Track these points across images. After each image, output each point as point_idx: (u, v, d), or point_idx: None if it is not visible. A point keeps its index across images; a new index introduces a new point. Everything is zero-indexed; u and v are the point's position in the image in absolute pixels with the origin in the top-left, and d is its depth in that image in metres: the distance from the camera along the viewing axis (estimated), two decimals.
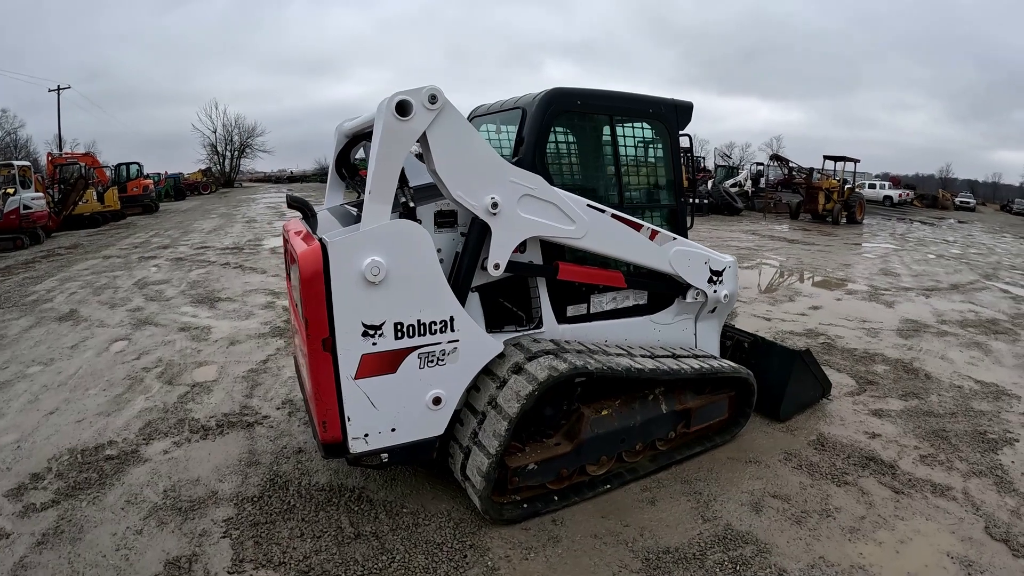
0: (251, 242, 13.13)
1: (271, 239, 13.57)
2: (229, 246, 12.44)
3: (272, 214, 20.24)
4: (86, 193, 16.80)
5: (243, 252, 11.60)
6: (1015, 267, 12.55)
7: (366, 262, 2.58)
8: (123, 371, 5.05)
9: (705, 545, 2.89)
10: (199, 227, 16.54)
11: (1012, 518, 3.02)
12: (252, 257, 11.02)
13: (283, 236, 3.82)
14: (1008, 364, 5.53)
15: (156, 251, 12.02)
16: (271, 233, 14.70)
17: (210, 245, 12.67)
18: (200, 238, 13.93)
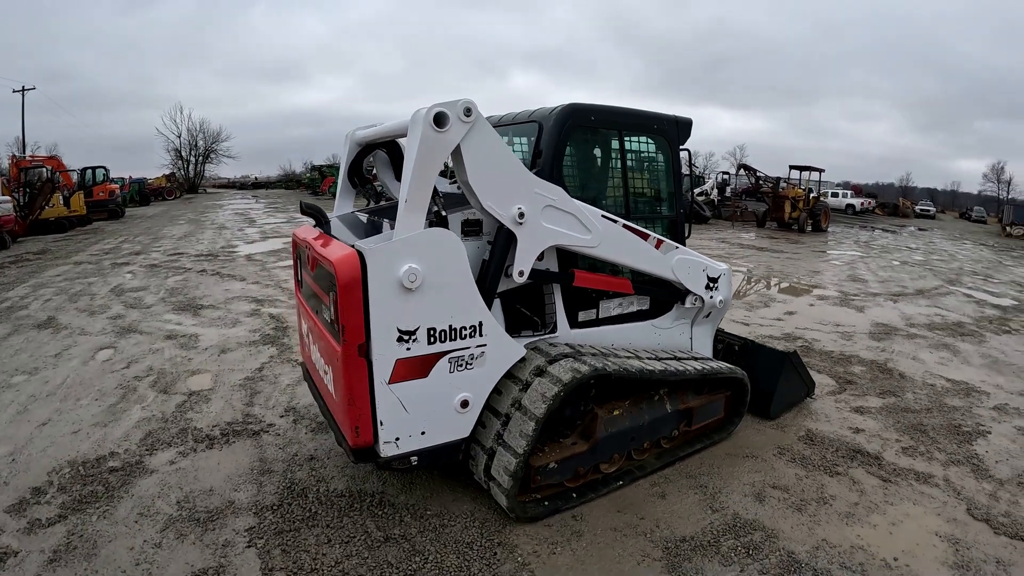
0: (225, 249, 12.81)
1: (244, 246, 13.28)
2: (203, 252, 12.12)
3: (241, 220, 19.76)
4: (52, 197, 16.08)
5: (218, 259, 11.32)
6: (976, 273, 13.45)
7: (403, 269, 2.65)
8: (114, 380, 4.87)
9: (718, 533, 3.07)
10: (168, 233, 16.05)
11: (991, 501, 3.34)
12: (229, 264, 10.76)
13: (296, 243, 3.82)
14: (975, 364, 6.01)
15: (128, 257, 11.61)
16: (244, 240, 14.39)
17: (183, 251, 12.33)
18: (171, 244, 13.50)
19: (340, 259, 2.62)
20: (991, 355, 6.32)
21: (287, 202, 29.24)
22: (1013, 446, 4.03)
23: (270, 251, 12.59)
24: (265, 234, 15.80)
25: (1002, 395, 5.04)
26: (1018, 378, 5.56)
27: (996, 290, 11.12)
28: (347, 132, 4.06)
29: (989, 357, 6.25)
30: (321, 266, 3.01)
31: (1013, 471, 3.69)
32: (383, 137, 3.90)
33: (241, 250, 12.59)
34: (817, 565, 2.81)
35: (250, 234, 15.80)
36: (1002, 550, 2.89)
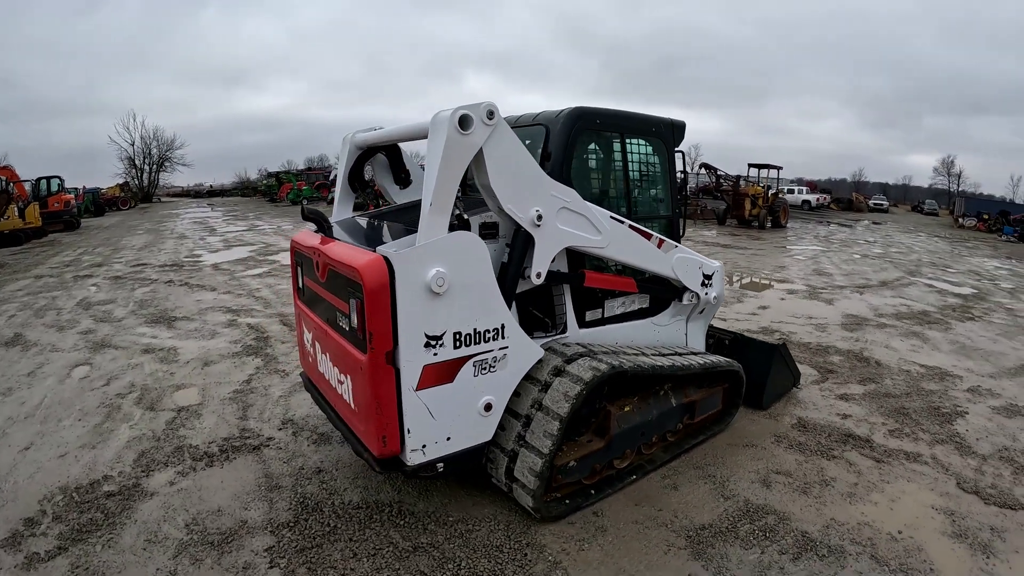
0: (189, 258, 12.29)
1: (209, 255, 12.78)
2: (167, 263, 11.59)
3: (201, 229, 19.04)
4: (8, 209, 15.07)
5: (184, 269, 10.85)
6: (935, 264, 14.20)
7: (431, 273, 2.63)
8: (95, 398, 4.57)
9: (733, 519, 3.19)
10: (128, 244, 15.27)
11: (976, 475, 3.61)
12: (196, 274, 10.32)
13: (297, 250, 3.71)
14: (945, 350, 6.40)
15: (90, 269, 10.98)
16: (207, 249, 13.84)
17: (146, 262, 11.75)
18: (133, 255, 12.85)
19: (366, 265, 2.57)
20: (958, 341, 6.77)
21: (245, 210, 28.38)
22: (990, 424, 4.36)
23: (236, 260, 12.14)
24: (228, 243, 15.22)
25: (973, 378, 5.42)
26: (986, 362, 5.98)
27: (955, 279, 11.81)
28: (345, 135, 3.99)
29: (957, 343, 6.68)
30: (337, 272, 2.94)
31: (993, 447, 3.99)
32: (385, 141, 3.84)
33: (206, 259, 12.14)
34: (830, 543, 2.96)
35: (213, 243, 15.20)
36: (994, 518, 3.14)
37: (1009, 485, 3.49)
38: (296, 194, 31.16)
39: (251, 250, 13.56)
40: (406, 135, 3.38)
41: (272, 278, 10.06)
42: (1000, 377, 5.44)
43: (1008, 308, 9.01)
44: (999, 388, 5.13)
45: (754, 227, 21.26)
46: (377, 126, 3.96)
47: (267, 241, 15.39)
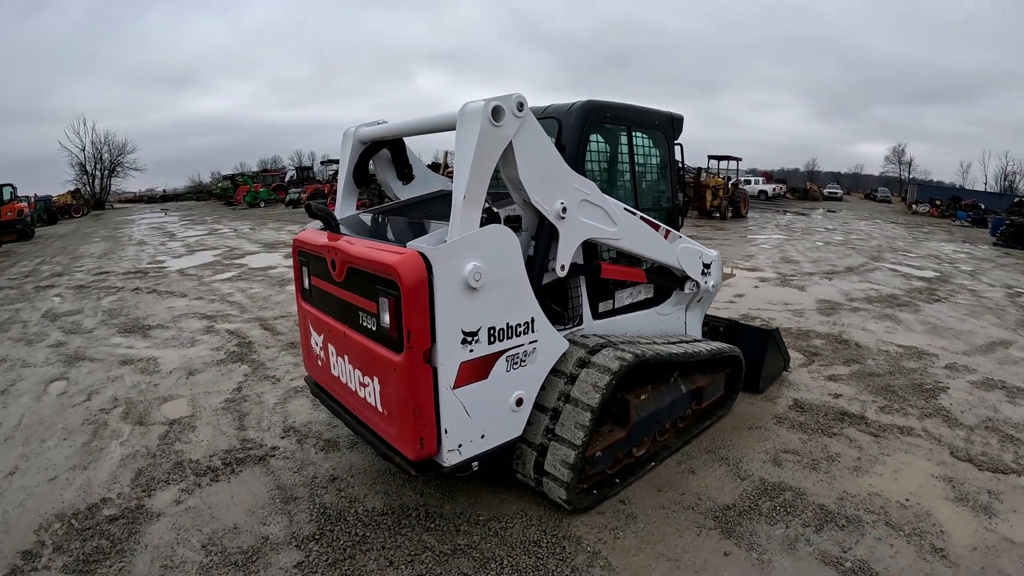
0: (152, 265, 11.65)
1: (173, 260, 12.17)
2: (130, 270, 10.95)
3: (160, 235, 18.12)
4: None
5: (149, 276, 10.26)
6: (895, 249, 14.94)
7: (468, 268, 2.57)
8: (77, 415, 4.23)
9: (754, 497, 3.30)
10: (86, 252, 14.38)
11: (966, 444, 3.88)
12: (162, 280, 9.78)
13: (303, 250, 3.55)
14: (918, 330, 6.78)
15: (51, 279, 10.28)
16: (170, 254, 13.17)
17: (108, 270, 11.07)
18: (93, 263, 12.09)
19: (401, 261, 2.48)
20: (929, 322, 7.20)
21: (202, 214, 27.23)
22: (971, 398, 4.68)
23: (202, 265, 11.57)
24: (191, 248, 14.49)
25: (949, 356, 5.78)
26: (958, 340, 6.39)
27: (917, 263, 12.48)
28: (346, 130, 3.84)
29: (928, 324, 7.11)
30: (362, 271, 2.83)
31: (978, 418, 4.29)
32: (390, 135, 3.74)
33: (171, 265, 11.54)
34: (847, 513, 3.12)
35: (175, 248, 14.46)
36: (989, 482, 3.39)
37: (998, 452, 3.76)
38: (253, 196, 30.09)
39: (215, 254, 12.97)
40: (424, 128, 3.29)
41: (243, 282, 9.62)
42: (973, 354, 5.85)
43: (971, 289, 9.61)
44: (974, 364, 5.51)
45: (716, 218, 22.01)
46: (380, 120, 3.85)
47: (230, 245, 14.72)
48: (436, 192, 4.18)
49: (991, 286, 10.05)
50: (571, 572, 2.70)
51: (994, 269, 12.24)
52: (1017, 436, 3.97)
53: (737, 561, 2.78)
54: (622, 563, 2.77)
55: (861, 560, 2.75)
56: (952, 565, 2.70)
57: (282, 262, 11.77)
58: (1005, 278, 11.03)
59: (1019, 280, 10.88)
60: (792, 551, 2.84)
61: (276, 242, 15.10)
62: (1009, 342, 6.36)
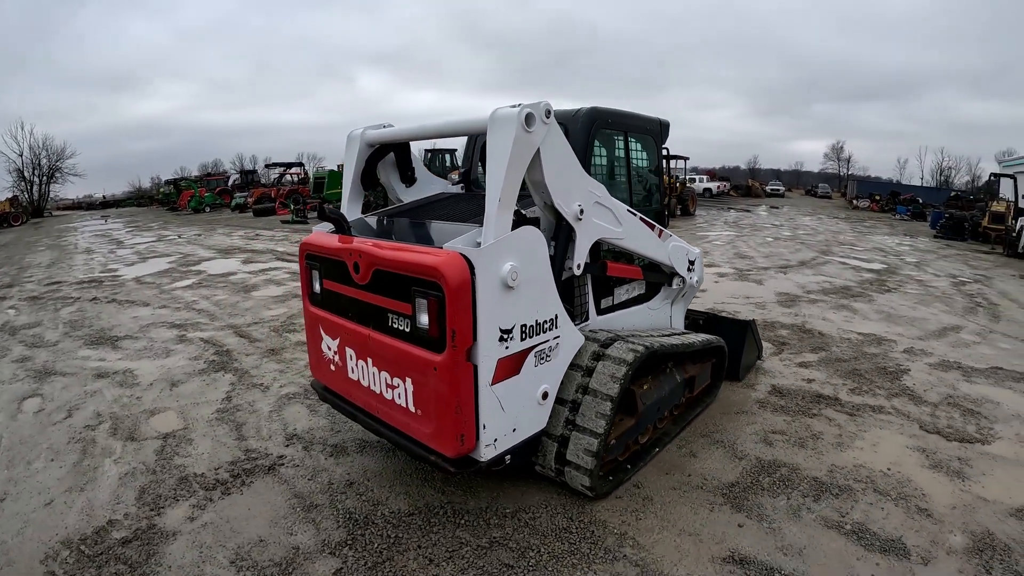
0: (105, 273, 10.96)
1: (126, 268, 11.50)
2: (84, 280, 10.25)
3: (107, 242, 17.03)
4: None
5: (105, 285, 9.64)
6: (842, 243, 15.87)
7: (506, 268, 2.66)
8: (61, 434, 3.95)
9: (754, 475, 3.56)
10: (33, 261, 13.42)
11: (933, 418, 4.32)
12: (120, 289, 9.22)
13: (313, 253, 3.50)
14: (874, 319, 7.36)
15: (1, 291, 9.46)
16: (122, 262, 12.43)
17: (60, 280, 10.34)
18: (43, 273, 11.26)
19: (445, 262, 2.54)
20: (883, 311, 7.83)
21: (146, 220, 25.77)
22: (931, 378, 5.18)
23: (158, 272, 10.98)
24: (142, 255, 13.68)
25: (906, 341, 6.34)
26: (912, 327, 7.01)
27: (865, 257, 13.35)
28: (351, 132, 3.82)
29: (882, 312, 7.73)
30: (393, 273, 2.84)
31: (939, 396, 4.77)
32: (401, 139, 3.76)
33: (125, 273, 10.90)
34: (839, 483, 3.44)
35: (126, 256, 13.62)
36: (957, 451, 3.81)
37: (962, 424, 4.22)
38: (198, 202, 28.78)
39: (169, 261, 12.32)
40: (439, 132, 3.33)
41: (205, 289, 9.17)
42: (927, 339, 6.44)
43: (918, 280, 10.43)
44: (930, 348, 6.08)
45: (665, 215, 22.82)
46: (386, 123, 3.85)
47: (183, 251, 13.98)
48: (438, 195, 4.22)
49: (937, 276, 10.93)
50: (604, 554, 2.84)
51: (937, 260, 13.29)
52: (976, 410, 4.46)
53: (751, 531, 3.02)
54: (649, 541, 2.95)
55: (859, 523, 3.05)
56: (937, 522, 3.05)
57: (241, 268, 11.30)
58: (949, 268, 12.02)
59: (962, 270, 11.89)
60: (797, 519, 3.12)
61: (231, 247, 14.44)
62: (959, 327, 7.02)
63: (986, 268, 12.35)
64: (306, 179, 30.75)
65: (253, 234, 17.68)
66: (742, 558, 2.81)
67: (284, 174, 32.66)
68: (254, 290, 9.15)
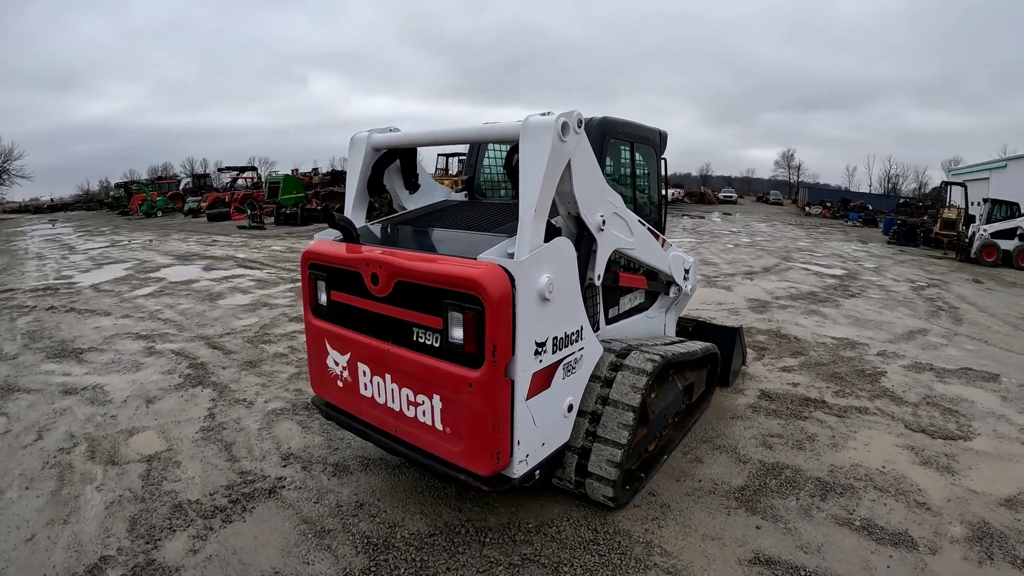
0: (60, 280, 10.19)
1: (82, 275, 10.72)
2: (38, 287, 9.49)
3: (58, 248, 15.86)
4: None
5: (61, 293, 8.93)
6: (800, 249, 16.55)
7: (544, 280, 2.62)
8: (33, 458, 3.57)
9: (761, 478, 3.67)
10: None
11: (915, 417, 4.60)
12: (77, 298, 8.56)
13: (320, 263, 3.33)
14: (844, 323, 7.76)
15: None
16: (77, 269, 11.57)
17: (13, 287, 9.52)
18: None
19: (486, 275, 2.46)
20: (851, 315, 8.28)
21: (97, 225, 24.13)
22: (907, 379, 5.52)
23: (116, 279, 10.26)
24: (96, 261, 12.78)
25: (878, 344, 6.73)
26: (880, 330, 7.44)
27: (825, 263, 14.00)
28: (354, 136, 3.68)
29: (851, 317, 8.17)
30: (421, 285, 2.73)
31: (918, 396, 5.09)
32: (409, 144, 3.66)
33: (81, 281, 10.16)
34: (841, 482, 3.60)
35: (79, 262, 12.68)
36: (943, 447, 4.08)
37: (942, 422, 4.52)
38: (150, 206, 27.57)
39: (126, 268, 11.54)
40: (462, 138, 3.26)
41: (168, 297, 8.61)
42: (897, 342, 6.87)
43: (879, 285, 11.06)
44: (901, 351, 6.48)
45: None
46: (392, 127, 3.75)
47: (138, 257, 13.13)
48: (442, 202, 4.14)
49: (896, 281, 11.64)
50: (635, 563, 2.84)
51: (894, 265, 14.15)
52: (954, 408, 4.79)
53: (770, 532, 3.11)
54: (676, 548, 2.97)
55: (866, 519, 3.20)
56: (936, 514, 3.25)
57: (203, 275, 10.69)
58: (906, 273, 12.81)
59: (919, 275, 12.70)
60: (809, 518, 3.23)
61: (188, 254, 13.65)
62: (925, 330, 7.52)
63: (941, 273, 13.27)
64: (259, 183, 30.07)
65: (210, 240, 16.82)
66: (767, 559, 2.89)
67: (237, 178, 32.01)
68: (220, 298, 8.67)
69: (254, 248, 14.68)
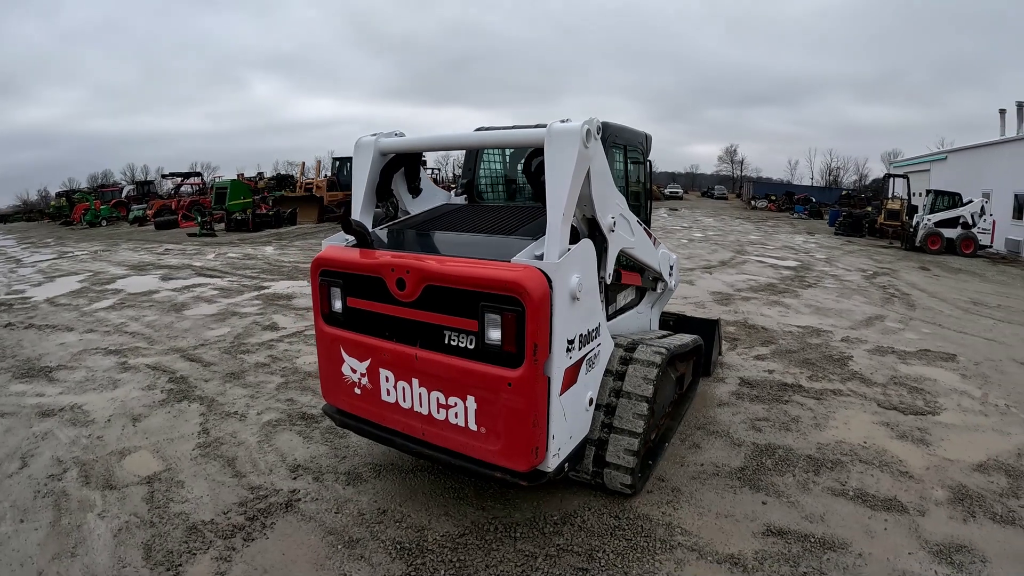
0: (12, 295, 9.45)
1: (34, 289, 10.00)
2: None
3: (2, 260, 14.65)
4: None
5: (15, 308, 8.32)
6: (752, 243, 17.12)
7: (575, 280, 2.74)
8: (23, 488, 3.31)
9: (757, 458, 3.93)
10: None
11: (886, 396, 5.02)
12: (34, 312, 7.98)
13: (334, 269, 3.29)
14: (805, 312, 8.25)
15: None
16: (28, 283, 10.74)
17: None
18: None
19: (527, 277, 2.55)
20: (811, 304, 8.82)
21: (40, 236, 22.44)
22: (872, 362, 5.99)
23: (71, 293, 9.60)
24: (47, 274, 11.89)
25: (840, 331, 7.23)
26: (841, 318, 7.97)
27: (778, 255, 14.63)
28: (360, 140, 3.65)
29: (811, 306, 8.70)
30: (454, 288, 2.77)
31: (885, 376, 5.54)
32: (419, 149, 3.69)
33: (35, 295, 9.49)
34: (830, 458, 3.91)
35: (28, 275, 11.78)
36: (915, 422, 4.49)
37: (911, 400, 4.95)
38: (94, 215, 26.22)
39: (80, 280, 10.80)
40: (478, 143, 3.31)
41: (130, 309, 8.12)
42: (858, 328, 7.41)
43: (832, 275, 11.71)
44: (863, 336, 6.99)
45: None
46: (397, 131, 3.75)
47: (91, 268, 12.29)
48: (445, 206, 4.17)
49: (848, 271, 12.39)
50: (661, 544, 3.00)
51: (844, 256, 14.99)
52: (919, 387, 5.26)
53: (775, 506, 3.36)
54: (694, 527, 3.16)
55: (858, 489, 3.52)
56: (919, 481, 3.61)
57: (162, 285, 10.13)
58: (857, 263, 13.60)
59: (869, 264, 13.51)
60: (807, 491, 3.51)
61: (143, 263, 12.86)
62: (882, 316, 8.12)
63: (889, 262, 14.18)
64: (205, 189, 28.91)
65: (162, 249, 15.87)
66: (778, 530, 3.12)
67: (182, 184, 31.04)
68: (185, 308, 8.26)
69: (208, 256, 14.01)
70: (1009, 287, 11.42)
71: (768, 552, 2.95)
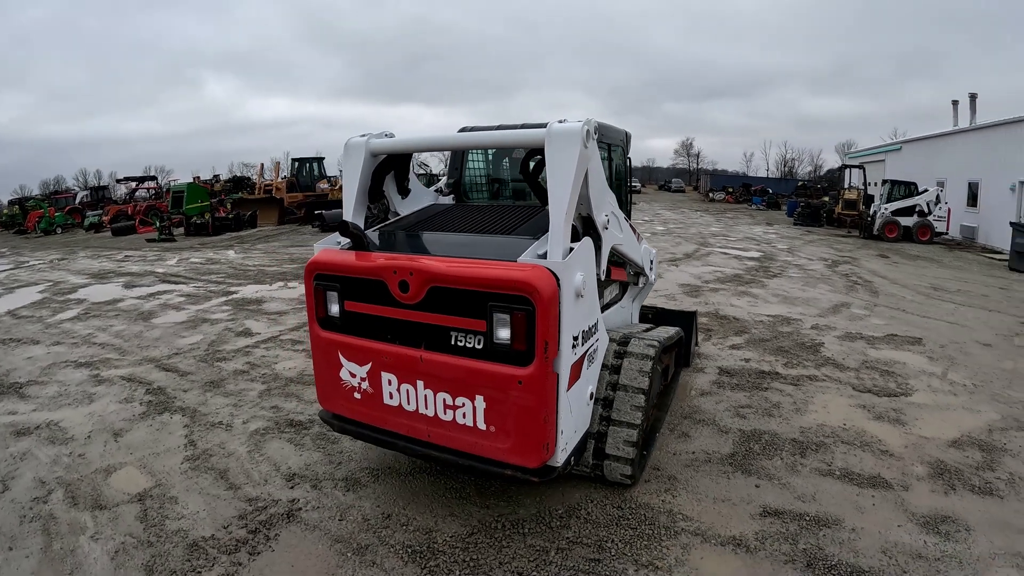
0: None
1: None
2: None
3: None
4: None
5: None
6: (714, 235, 17.39)
7: (579, 278, 2.80)
8: (7, 513, 3.14)
9: (745, 443, 4.09)
10: None
11: (859, 380, 5.27)
12: None
13: (329, 273, 3.24)
14: (774, 302, 8.54)
15: None
16: None
17: None
18: None
19: (536, 276, 2.59)
20: (778, 294, 9.13)
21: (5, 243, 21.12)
22: (843, 348, 6.27)
23: (33, 303, 9.11)
24: (5, 284, 11.21)
25: (809, 319, 7.52)
26: (808, 306, 8.29)
27: (741, 246, 14.96)
28: (350, 141, 3.60)
29: (778, 295, 9.01)
30: (460, 289, 2.78)
31: (857, 361, 5.82)
32: (411, 150, 3.67)
33: None
34: (813, 441, 4.11)
35: None
36: (889, 403, 4.74)
37: (883, 383, 5.23)
38: (48, 223, 25.05)
39: (40, 291, 10.23)
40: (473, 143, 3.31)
41: (96, 320, 7.74)
42: (826, 315, 7.73)
43: (796, 265, 12.09)
44: (831, 323, 7.30)
45: None
46: (387, 132, 3.72)
47: (50, 278, 11.65)
48: (435, 206, 4.16)
49: (810, 260, 12.78)
50: (666, 530, 3.11)
51: (805, 245, 15.43)
52: (890, 370, 5.55)
53: (768, 489, 3.52)
54: (694, 512, 3.28)
55: (844, 468, 3.72)
56: (900, 459, 3.83)
57: (126, 293, 9.69)
58: (818, 252, 14.04)
59: (829, 253, 13.96)
60: (796, 473, 3.69)
61: (104, 271, 12.24)
62: (848, 303, 8.47)
63: (849, 250, 14.69)
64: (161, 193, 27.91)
65: (121, 255, 15.12)
66: (774, 511, 3.27)
67: (137, 188, 30.11)
68: (153, 317, 7.94)
69: (170, 262, 13.45)
70: (966, 272, 12.04)
71: (767, 532, 3.09)
